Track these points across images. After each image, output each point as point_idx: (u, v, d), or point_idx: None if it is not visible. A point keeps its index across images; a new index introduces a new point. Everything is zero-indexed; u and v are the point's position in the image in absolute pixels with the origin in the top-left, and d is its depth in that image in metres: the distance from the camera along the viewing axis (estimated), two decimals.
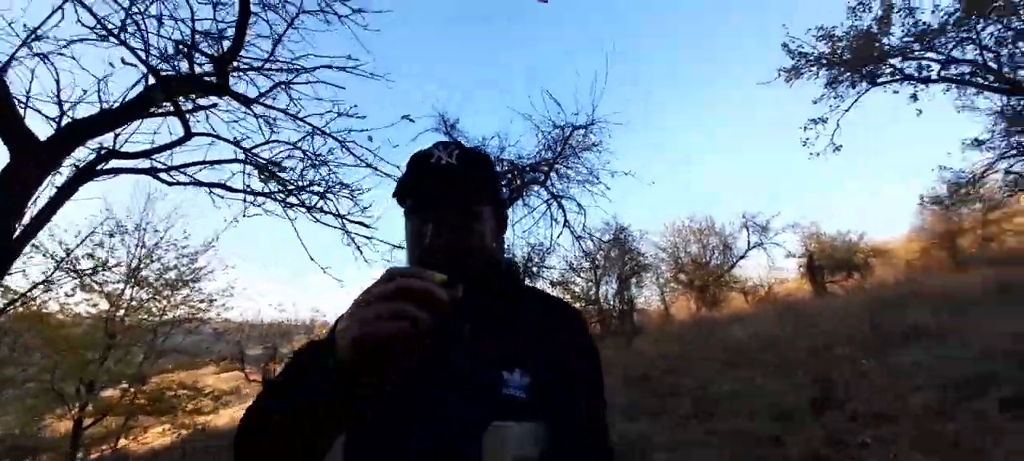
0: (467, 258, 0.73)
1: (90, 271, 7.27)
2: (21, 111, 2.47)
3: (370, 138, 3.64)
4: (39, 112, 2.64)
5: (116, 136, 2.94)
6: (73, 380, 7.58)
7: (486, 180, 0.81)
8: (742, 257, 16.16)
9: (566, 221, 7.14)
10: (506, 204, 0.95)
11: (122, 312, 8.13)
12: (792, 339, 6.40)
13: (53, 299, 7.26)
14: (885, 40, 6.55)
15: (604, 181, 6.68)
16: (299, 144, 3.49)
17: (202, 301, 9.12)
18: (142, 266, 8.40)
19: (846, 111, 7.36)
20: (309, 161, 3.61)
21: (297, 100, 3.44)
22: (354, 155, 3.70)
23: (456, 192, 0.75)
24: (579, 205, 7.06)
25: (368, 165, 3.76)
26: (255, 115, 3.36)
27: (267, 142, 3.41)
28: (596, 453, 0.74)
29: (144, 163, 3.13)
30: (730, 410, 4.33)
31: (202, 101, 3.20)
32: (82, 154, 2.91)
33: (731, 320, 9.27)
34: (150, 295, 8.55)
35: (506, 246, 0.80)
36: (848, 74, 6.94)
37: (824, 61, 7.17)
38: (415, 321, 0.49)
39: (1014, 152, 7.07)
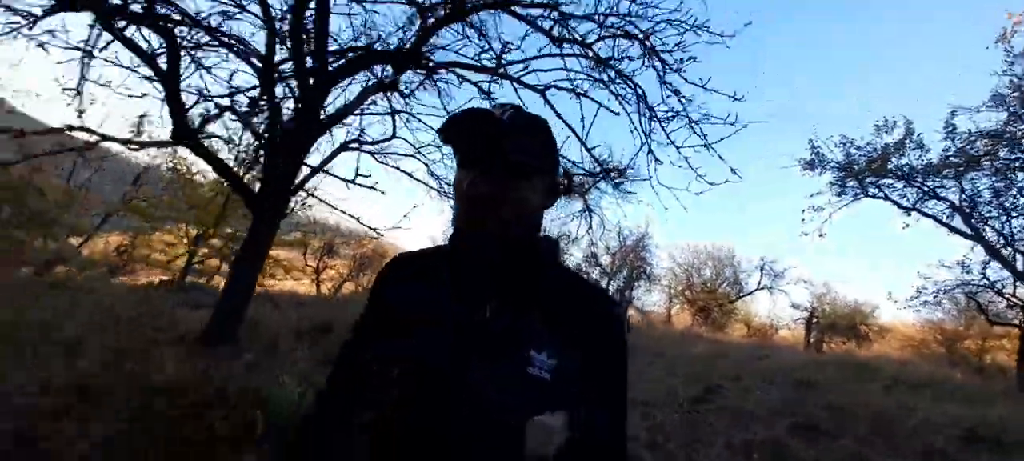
0: (502, 214, 0.72)
1: None
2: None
3: None
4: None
5: (361, 129, 5.19)
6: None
7: (538, 146, 0.77)
8: (748, 294, 17.31)
9: (590, 227, 8.87)
10: (560, 179, 0.92)
11: None
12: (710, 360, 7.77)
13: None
14: (893, 163, 7.64)
15: (634, 202, 8.34)
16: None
17: None
18: None
19: (840, 208, 8.68)
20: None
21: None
22: None
23: (502, 149, 0.72)
24: (602, 221, 8.83)
25: None
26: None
27: (426, 145, 5.55)
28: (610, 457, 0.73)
29: (371, 148, 5.35)
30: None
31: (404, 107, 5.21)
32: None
33: (709, 342, 10.75)
34: None
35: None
36: (851, 181, 8.17)
37: (835, 165, 8.41)
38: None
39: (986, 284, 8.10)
